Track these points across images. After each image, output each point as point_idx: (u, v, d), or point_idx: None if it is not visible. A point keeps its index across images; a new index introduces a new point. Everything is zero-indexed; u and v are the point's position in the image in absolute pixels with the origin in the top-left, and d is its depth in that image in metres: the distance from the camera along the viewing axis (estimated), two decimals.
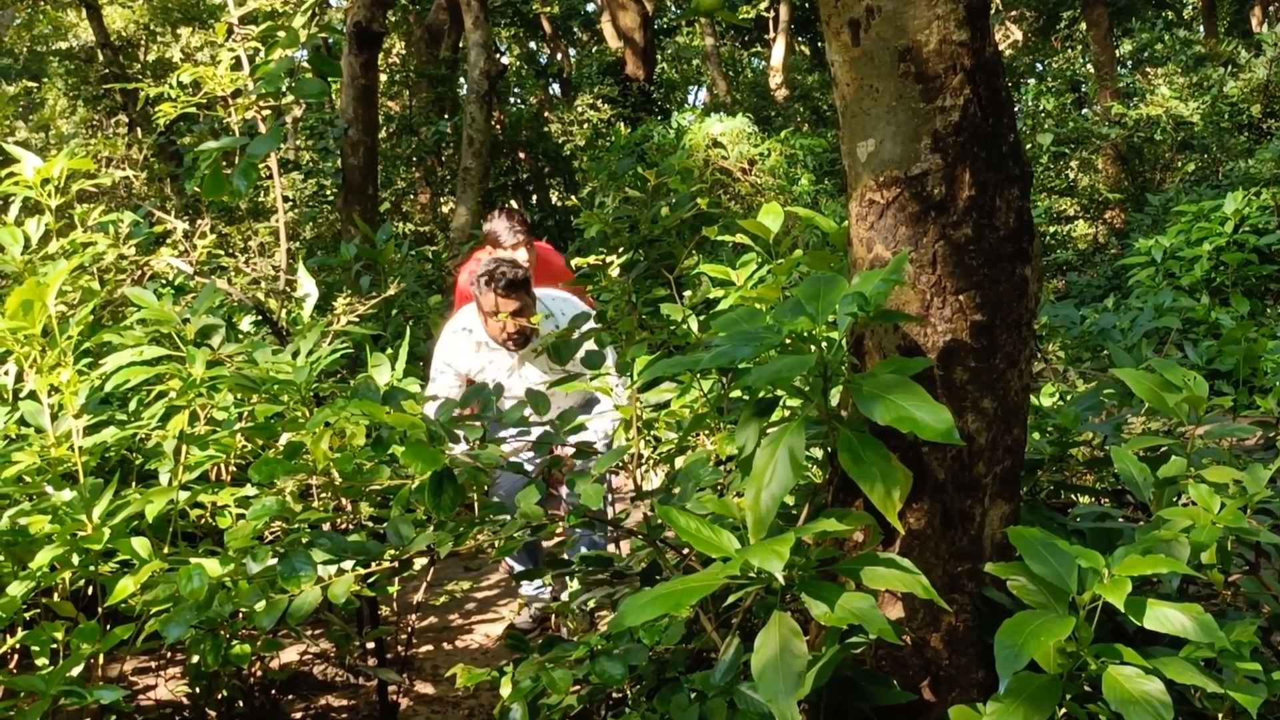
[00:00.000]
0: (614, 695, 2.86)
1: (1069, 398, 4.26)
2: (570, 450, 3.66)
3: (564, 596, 3.76)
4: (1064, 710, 2.24)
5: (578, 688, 2.72)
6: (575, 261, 3.80)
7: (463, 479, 2.77)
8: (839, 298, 2.27)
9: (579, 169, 17.88)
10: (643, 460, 3.56)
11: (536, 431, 4.10)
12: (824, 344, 2.30)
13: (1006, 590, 2.34)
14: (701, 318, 3.84)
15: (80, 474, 3.56)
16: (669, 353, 3.68)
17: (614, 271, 3.52)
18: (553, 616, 4.92)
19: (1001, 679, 2.06)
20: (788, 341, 2.31)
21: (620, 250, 3.59)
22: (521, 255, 5.84)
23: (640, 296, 3.62)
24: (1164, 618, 2.14)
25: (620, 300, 3.46)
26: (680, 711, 2.45)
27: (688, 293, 4.93)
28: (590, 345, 3.60)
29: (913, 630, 2.50)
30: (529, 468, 3.49)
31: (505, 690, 2.78)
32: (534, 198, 18.86)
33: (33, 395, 3.75)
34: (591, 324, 3.69)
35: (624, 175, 13.63)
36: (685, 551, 2.98)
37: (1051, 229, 17.45)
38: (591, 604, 3.38)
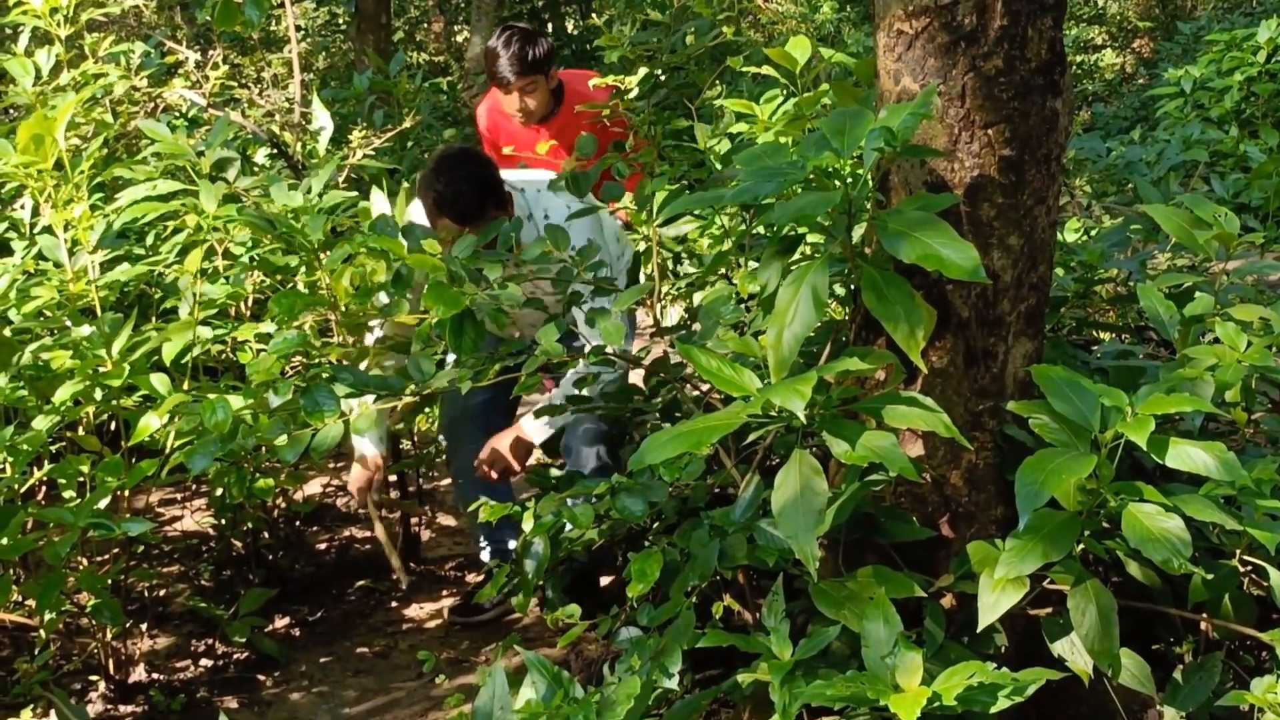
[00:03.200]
0: (634, 529, 2.89)
1: (1094, 233, 4.21)
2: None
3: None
4: (1082, 546, 2.26)
5: (599, 524, 2.75)
6: (593, 82, 3.69)
7: (483, 318, 2.75)
8: (865, 132, 2.21)
9: None
10: (662, 295, 3.53)
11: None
12: (849, 180, 2.26)
13: (1028, 428, 2.33)
14: (724, 151, 3.76)
15: (98, 309, 3.56)
16: (690, 187, 3.63)
17: (631, 93, 3.44)
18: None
19: (1021, 516, 2.08)
20: (812, 177, 2.27)
21: (640, 72, 3.49)
22: (513, 102, 4.65)
23: (660, 127, 3.54)
24: (1186, 456, 2.14)
25: (640, 129, 3.39)
26: (700, 547, 2.47)
27: (708, 127, 4.83)
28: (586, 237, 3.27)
29: (933, 468, 2.51)
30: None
31: (527, 524, 2.80)
32: (549, 25, 18.49)
33: (49, 230, 3.73)
34: (597, 220, 3.51)
35: (642, 1, 13.33)
36: (706, 389, 2.97)
37: (1078, 58, 17.08)
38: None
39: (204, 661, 3.73)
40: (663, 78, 3.60)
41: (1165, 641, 2.64)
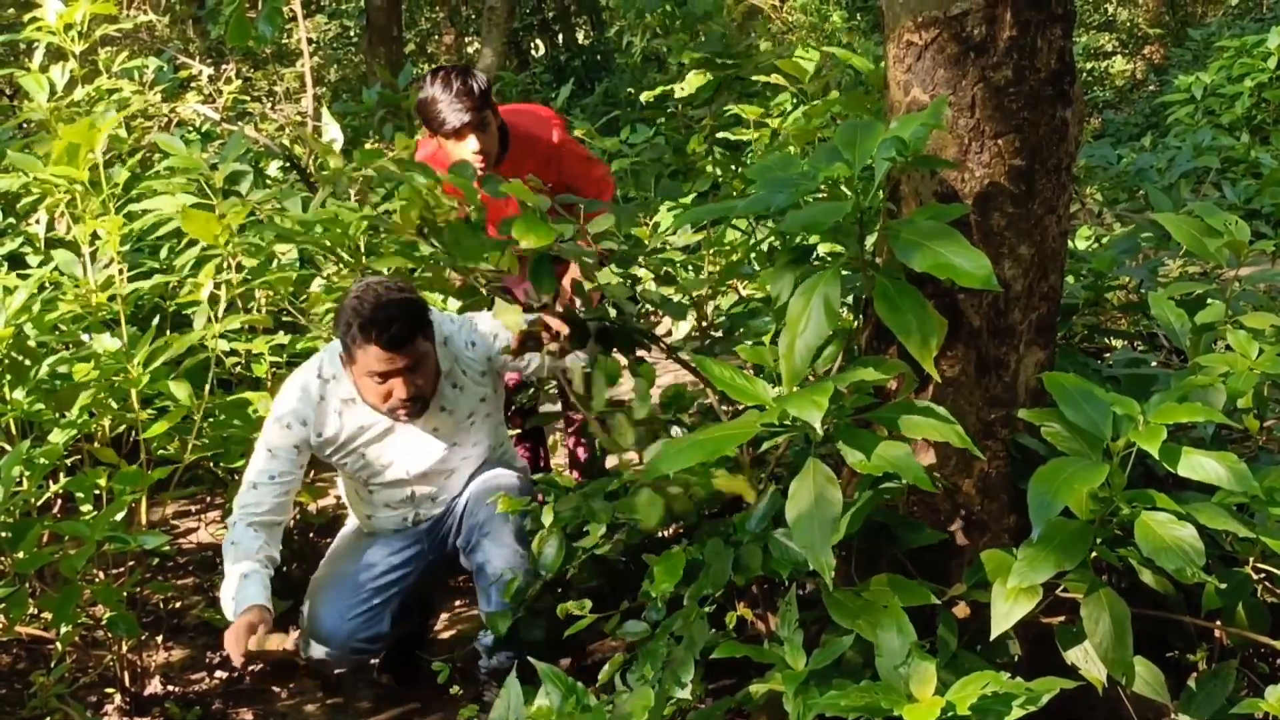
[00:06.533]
0: (649, 538, 2.89)
1: (1105, 240, 4.21)
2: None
3: None
4: (1094, 554, 2.26)
5: (612, 535, 2.76)
6: (645, 95, 3.60)
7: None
8: (876, 143, 2.22)
9: (605, 6, 17.53)
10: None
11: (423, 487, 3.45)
12: (860, 190, 2.27)
13: (1040, 437, 2.34)
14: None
15: (122, 321, 3.58)
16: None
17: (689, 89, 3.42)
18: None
19: (1034, 525, 2.08)
20: (823, 188, 2.28)
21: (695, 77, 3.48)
22: (470, 146, 3.95)
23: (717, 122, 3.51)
24: (1198, 465, 2.14)
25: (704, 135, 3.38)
26: (715, 556, 2.48)
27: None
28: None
29: (946, 476, 2.51)
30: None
31: (546, 519, 2.81)
32: (559, 37, 18.54)
33: (63, 243, 3.76)
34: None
35: (652, 13, 13.36)
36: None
37: (1089, 65, 17.08)
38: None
39: (219, 673, 3.75)
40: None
41: (1179, 649, 2.64)
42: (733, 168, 3.63)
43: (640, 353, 3.00)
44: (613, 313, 2.97)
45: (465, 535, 3.37)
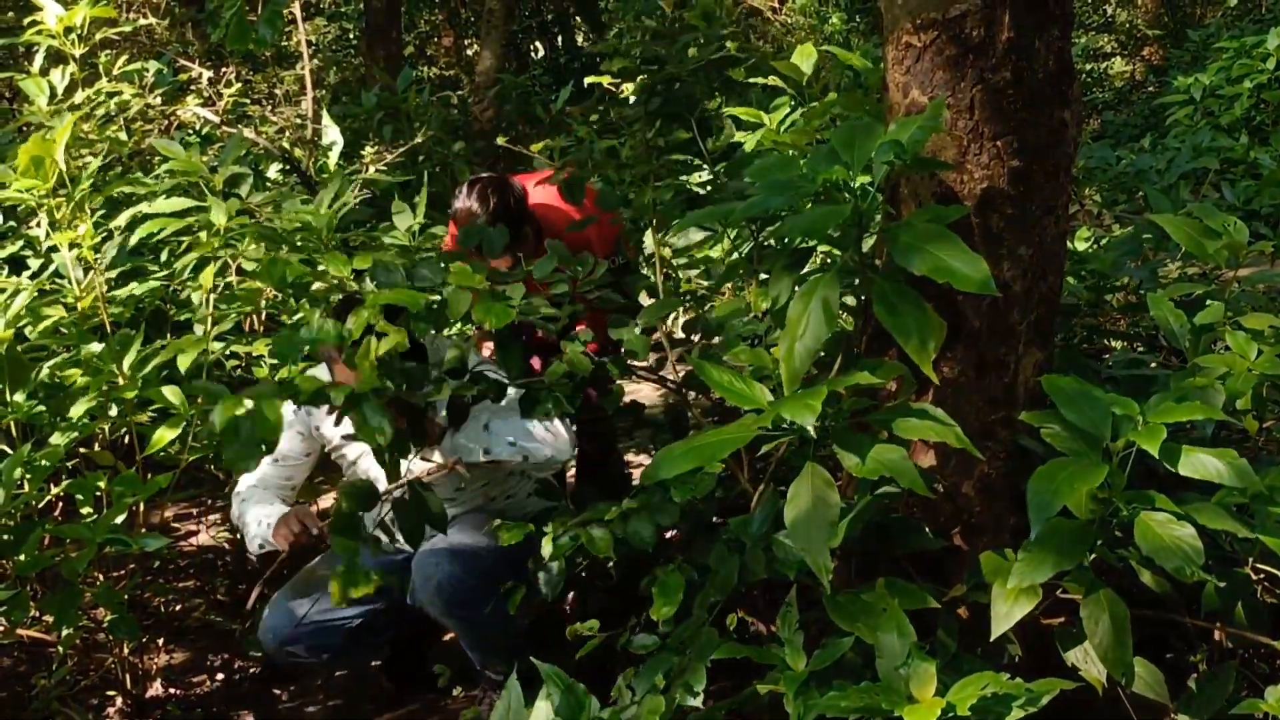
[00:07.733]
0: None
1: (1104, 242, 4.21)
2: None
3: None
4: (1094, 555, 2.26)
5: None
6: (588, 80, 3.52)
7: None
8: (874, 145, 2.23)
9: (604, 9, 17.54)
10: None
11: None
12: (859, 192, 2.27)
13: (1040, 438, 2.34)
14: (722, 165, 3.71)
15: (107, 326, 3.58)
16: (690, 199, 3.58)
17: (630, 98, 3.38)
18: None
19: (1033, 525, 2.08)
20: (821, 191, 2.28)
21: (638, 81, 3.44)
22: (505, 262, 3.48)
23: (661, 137, 3.47)
24: (1198, 464, 2.14)
25: (637, 143, 3.34)
26: (720, 563, 2.47)
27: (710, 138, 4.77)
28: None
29: (945, 478, 2.51)
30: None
31: (546, 549, 2.79)
32: (559, 39, 18.53)
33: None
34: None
35: (651, 13, 13.35)
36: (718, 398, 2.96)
37: (1088, 66, 17.08)
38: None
39: (220, 676, 3.75)
40: (660, 88, 3.55)
41: (1178, 650, 2.64)
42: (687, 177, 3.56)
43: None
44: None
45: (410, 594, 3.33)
